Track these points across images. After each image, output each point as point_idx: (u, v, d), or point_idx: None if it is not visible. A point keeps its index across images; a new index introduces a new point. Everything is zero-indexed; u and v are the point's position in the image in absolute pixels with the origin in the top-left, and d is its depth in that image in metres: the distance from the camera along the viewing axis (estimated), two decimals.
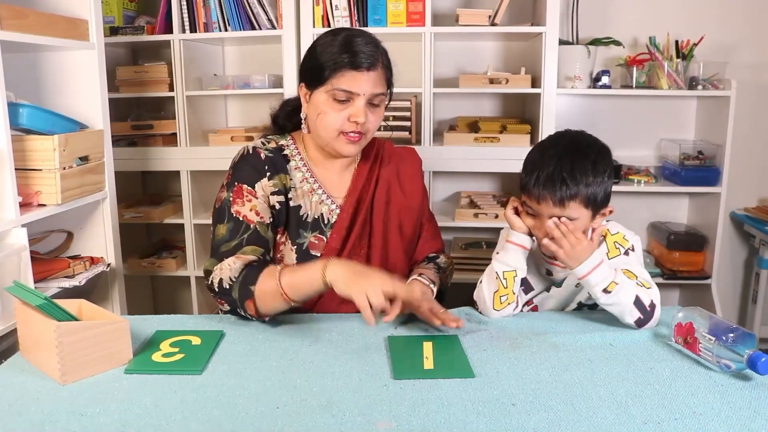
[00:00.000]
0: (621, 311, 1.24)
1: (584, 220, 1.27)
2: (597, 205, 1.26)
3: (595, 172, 1.25)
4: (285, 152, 1.39)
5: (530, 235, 1.33)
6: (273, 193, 1.34)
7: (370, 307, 1.10)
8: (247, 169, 1.34)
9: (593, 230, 1.29)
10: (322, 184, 1.39)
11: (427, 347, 1.16)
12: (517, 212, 1.34)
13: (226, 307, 1.28)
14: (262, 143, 1.38)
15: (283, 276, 1.20)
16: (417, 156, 1.53)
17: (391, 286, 1.12)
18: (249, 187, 1.32)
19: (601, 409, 0.95)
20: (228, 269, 1.25)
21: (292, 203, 1.36)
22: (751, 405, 0.96)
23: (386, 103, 1.37)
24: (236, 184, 1.33)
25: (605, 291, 1.23)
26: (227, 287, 1.25)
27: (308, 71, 1.32)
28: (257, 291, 1.21)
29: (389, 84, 1.35)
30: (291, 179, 1.37)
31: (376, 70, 1.29)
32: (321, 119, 1.30)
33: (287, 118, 1.45)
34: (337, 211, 1.39)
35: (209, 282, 1.29)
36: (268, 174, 1.34)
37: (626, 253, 1.33)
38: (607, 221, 1.36)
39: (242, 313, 1.26)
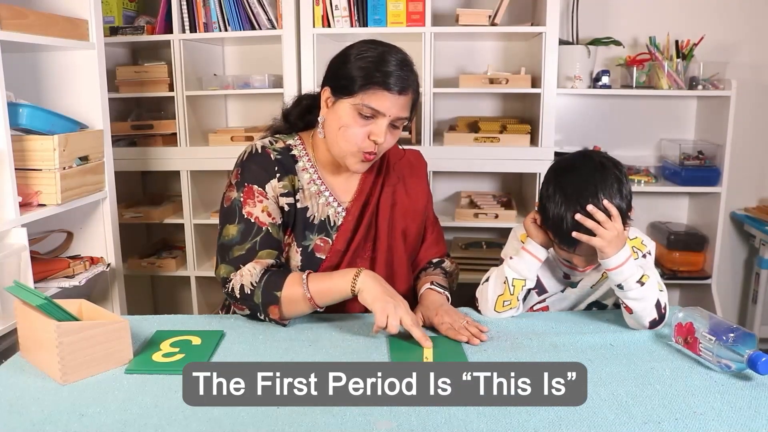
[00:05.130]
0: (643, 308, 1.22)
1: None
2: (623, 215, 1.25)
3: (615, 196, 1.23)
4: (293, 152, 1.37)
5: (547, 247, 1.32)
6: (282, 195, 1.33)
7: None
8: (256, 169, 1.32)
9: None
10: (329, 186, 1.38)
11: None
12: (536, 221, 1.32)
13: (247, 312, 1.29)
14: (270, 142, 1.36)
15: (311, 283, 1.24)
16: (423, 159, 1.53)
17: (411, 319, 1.18)
18: (260, 188, 1.31)
19: (602, 409, 0.95)
20: (249, 274, 1.26)
21: (299, 205, 1.35)
22: (751, 405, 0.96)
23: (406, 126, 1.35)
24: (246, 184, 1.31)
25: (639, 282, 1.21)
26: (249, 293, 1.25)
27: (338, 78, 1.28)
28: (283, 297, 1.24)
29: (414, 108, 1.33)
30: (299, 180, 1.35)
31: (407, 95, 1.27)
32: (343, 132, 1.27)
33: (299, 117, 1.43)
34: (344, 213, 1.38)
35: (228, 289, 1.28)
36: (277, 175, 1.32)
37: (644, 256, 1.33)
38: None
39: (262, 317, 1.27)
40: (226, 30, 2.35)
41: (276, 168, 1.33)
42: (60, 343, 1.02)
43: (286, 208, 1.33)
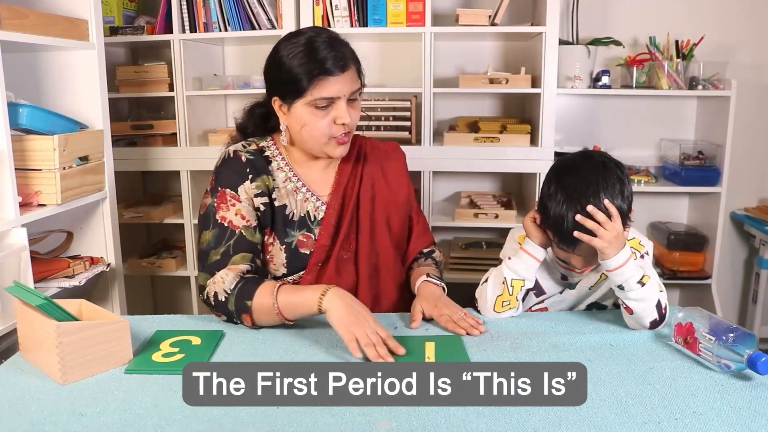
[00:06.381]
0: (644, 308, 1.22)
1: None
2: (624, 216, 1.24)
3: (617, 196, 1.22)
4: (266, 153, 1.39)
5: (545, 247, 1.32)
6: (257, 195, 1.34)
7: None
8: (228, 173, 1.34)
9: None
10: (306, 183, 1.40)
11: (429, 347, 1.16)
12: (536, 221, 1.31)
13: (224, 318, 1.29)
14: (243, 146, 1.38)
15: (280, 295, 1.22)
16: (401, 150, 1.54)
17: (379, 333, 1.13)
18: (232, 191, 1.33)
19: (602, 409, 0.95)
20: (221, 281, 1.26)
21: (276, 203, 1.36)
22: (751, 405, 0.96)
23: (361, 93, 1.36)
24: (219, 189, 1.33)
25: (640, 283, 1.20)
26: (223, 300, 1.25)
27: (281, 85, 1.30)
28: (254, 306, 1.23)
29: (360, 75, 1.34)
30: (274, 179, 1.37)
31: (349, 69, 1.29)
32: (307, 130, 1.30)
33: (257, 127, 1.44)
34: (323, 208, 1.39)
35: (204, 296, 1.29)
36: (249, 177, 1.34)
37: (642, 257, 1.33)
38: None
39: (237, 323, 1.28)
40: (226, 30, 2.35)
41: (248, 170, 1.34)
42: (60, 343, 1.02)
43: (262, 208, 1.34)
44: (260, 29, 2.33)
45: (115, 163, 1.98)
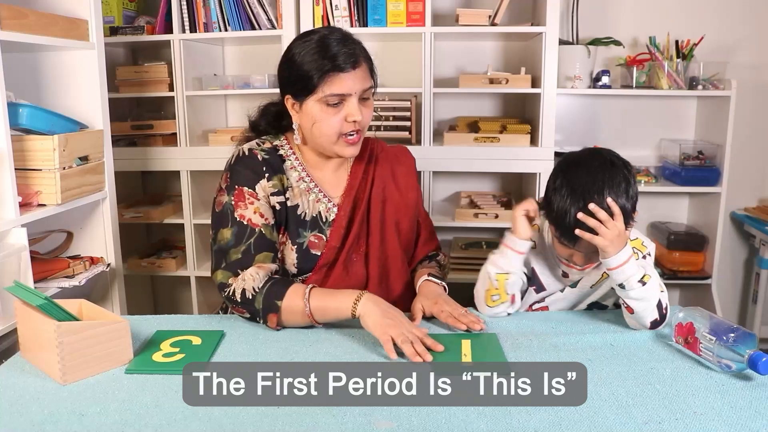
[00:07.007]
0: (645, 308, 1.22)
1: None
2: (627, 215, 1.24)
3: (622, 195, 1.23)
4: (280, 152, 1.39)
5: (528, 239, 1.32)
6: (273, 194, 1.34)
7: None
8: (245, 171, 1.34)
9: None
10: (318, 183, 1.40)
11: (466, 345, 1.17)
12: (527, 214, 1.31)
13: (247, 316, 1.29)
14: (257, 144, 1.38)
15: (312, 298, 1.24)
16: (410, 154, 1.54)
17: (415, 333, 1.15)
18: (250, 189, 1.32)
19: (602, 409, 0.95)
20: (251, 279, 1.26)
21: (289, 203, 1.36)
22: (751, 405, 0.96)
23: (374, 93, 1.36)
24: (236, 187, 1.32)
25: (641, 282, 1.20)
26: (250, 297, 1.25)
27: (293, 83, 1.31)
28: (283, 307, 1.24)
29: (373, 74, 1.35)
30: (288, 179, 1.37)
31: (361, 66, 1.29)
32: (318, 127, 1.30)
33: (270, 125, 1.44)
34: (335, 209, 1.39)
35: (228, 293, 1.28)
36: (266, 175, 1.34)
37: (644, 257, 1.33)
38: None
39: (260, 322, 1.27)
40: (226, 30, 2.35)
41: (264, 168, 1.34)
42: (60, 343, 1.02)
43: (277, 207, 1.34)
44: (260, 29, 2.33)
45: (115, 163, 1.98)
